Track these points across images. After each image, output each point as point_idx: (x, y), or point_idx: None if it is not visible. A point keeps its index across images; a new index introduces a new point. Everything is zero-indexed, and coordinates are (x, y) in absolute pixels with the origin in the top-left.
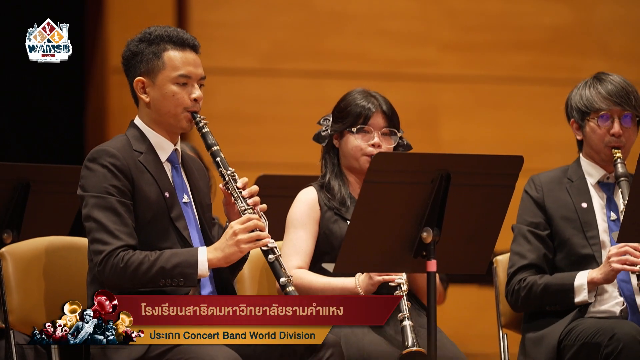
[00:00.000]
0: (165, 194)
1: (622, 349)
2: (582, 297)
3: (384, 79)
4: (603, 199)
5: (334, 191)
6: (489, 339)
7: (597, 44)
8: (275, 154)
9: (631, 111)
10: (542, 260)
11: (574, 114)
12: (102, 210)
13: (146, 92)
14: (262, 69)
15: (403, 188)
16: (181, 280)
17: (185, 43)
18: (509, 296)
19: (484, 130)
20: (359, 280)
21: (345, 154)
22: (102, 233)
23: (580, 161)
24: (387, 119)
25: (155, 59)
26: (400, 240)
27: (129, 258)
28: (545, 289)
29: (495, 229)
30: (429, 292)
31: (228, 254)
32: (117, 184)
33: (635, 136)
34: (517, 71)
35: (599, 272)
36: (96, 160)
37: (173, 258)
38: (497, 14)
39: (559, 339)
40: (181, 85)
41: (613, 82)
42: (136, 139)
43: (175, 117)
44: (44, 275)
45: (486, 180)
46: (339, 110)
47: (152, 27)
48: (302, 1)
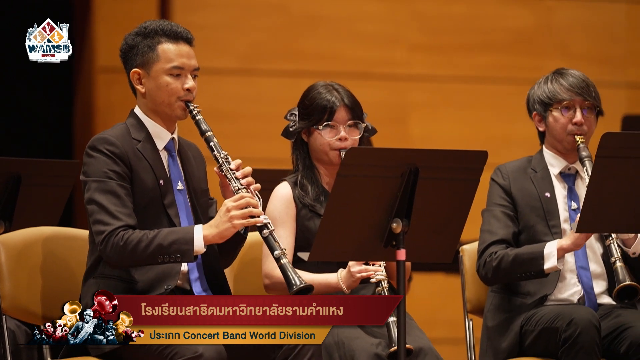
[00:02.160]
0: (160, 182)
1: (579, 333)
2: (551, 264)
3: (356, 78)
4: (565, 189)
5: (307, 189)
6: (456, 324)
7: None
8: (254, 149)
9: (591, 101)
10: (511, 236)
11: (536, 106)
12: (103, 194)
13: (142, 83)
14: (241, 69)
15: (374, 181)
16: (178, 257)
17: (179, 36)
18: (480, 269)
19: (450, 127)
20: (340, 276)
21: (315, 149)
22: (103, 214)
23: (543, 152)
24: (350, 112)
25: (150, 52)
26: (372, 230)
27: (128, 237)
28: (515, 258)
29: (461, 220)
30: (399, 279)
31: (222, 230)
32: (117, 169)
33: (594, 125)
34: (482, 71)
35: (567, 239)
36: (96, 148)
37: (170, 235)
38: (462, 17)
39: (521, 325)
40: (175, 76)
41: (574, 75)
42: (135, 128)
43: (170, 106)
44: (35, 263)
45: (453, 174)
46: (304, 107)
47: (148, 22)
48: (279, 5)
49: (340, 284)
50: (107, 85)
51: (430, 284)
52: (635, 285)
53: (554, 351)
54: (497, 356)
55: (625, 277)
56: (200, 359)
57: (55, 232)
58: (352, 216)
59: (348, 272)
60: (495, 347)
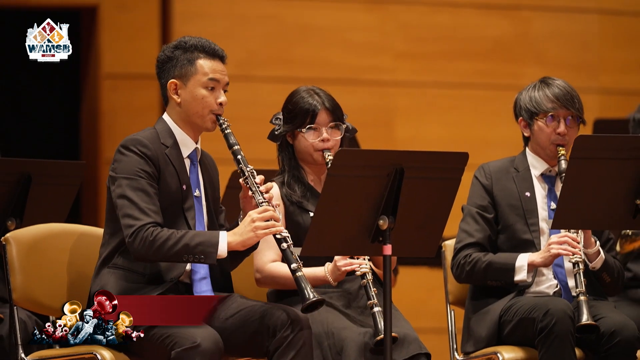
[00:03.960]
0: (183, 187)
1: (555, 323)
2: (521, 277)
3: (345, 84)
4: (545, 189)
5: (294, 187)
6: (438, 315)
7: (534, 54)
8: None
9: (575, 113)
10: (486, 240)
11: (522, 113)
12: (134, 190)
13: (178, 94)
14: (238, 75)
15: (362, 181)
16: (202, 257)
17: (216, 53)
18: (454, 269)
19: (433, 130)
20: (327, 269)
21: (300, 150)
22: (134, 209)
23: (526, 154)
24: (331, 114)
25: (188, 65)
26: (360, 227)
27: (157, 233)
28: (488, 266)
29: (444, 217)
30: (385, 273)
31: (245, 239)
32: (148, 169)
33: (577, 134)
34: (463, 78)
35: (538, 256)
36: (129, 148)
37: (196, 237)
38: (445, 27)
39: (500, 315)
40: (209, 89)
41: (559, 87)
42: (164, 134)
43: (202, 117)
44: (44, 257)
45: (436, 173)
46: (288, 112)
47: (187, 37)
48: (273, 15)
49: (327, 277)
50: (111, 91)
51: (414, 277)
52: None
53: (530, 340)
54: (478, 345)
55: (588, 317)
56: (198, 348)
57: (63, 228)
58: (342, 213)
59: (334, 265)
60: (475, 336)
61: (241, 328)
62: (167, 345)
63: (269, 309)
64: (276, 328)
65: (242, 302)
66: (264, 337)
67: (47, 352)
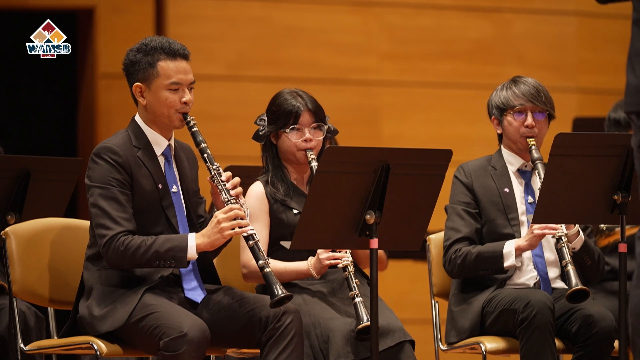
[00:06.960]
0: (159, 186)
1: (535, 314)
2: (510, 262)
3: (331, 84)
4: (522, 184)
5: (278, 186)
6: (423, 306)
7: (514, 55)
8: (239, 148)
9: (541, 107)
10: (474, 233)
11: (494, 111)
12: (105, 200)
13: (143, 96)
14: (228, 75)
15: (349, 177)
16: (173, 262)
17: (177, 53)
18: (446, 265)
19: (418, 128)
20: (310, 263)
21: (283, 150)
22: (106, 219)
23: (501, 152)
24: (314, 115)
25: (150, 68)
26: (347, 221)
27: (128, 242)
28: (478, 256)
29: (428, 212)
30: (372, 267)
31: (213, 240)
32: (119, 177)
33: (546, 128)
34: (446, 78)
35: (523, 240)
36: (101, 156)
37: (166, 243)
38: (428, 28)
39: (482, 306)
40: (173, 90)
41: (526, 83)
42: (135, 135)
43: (169, 117)
44: (42, 251)
45: (420, 170)
46: (271, 113)
47: (148, 38)
48: (262, 17)
49: (310, 270)
50: (108, 90)
51: (400, 269)
52: (586, 289)
53: (512, 330)
54: (461, 335)
55: (577, 282)
56: (185, 337)
57: (60, 222)
58: (330, 208)
59: (317, 259)
60: (458, 327)
61: (232, 319)
62: (156, 335)
63: (260, 301)
64: (268, 319)
65: (233, 294)
66: (256, 328)
67: (45, 342)
